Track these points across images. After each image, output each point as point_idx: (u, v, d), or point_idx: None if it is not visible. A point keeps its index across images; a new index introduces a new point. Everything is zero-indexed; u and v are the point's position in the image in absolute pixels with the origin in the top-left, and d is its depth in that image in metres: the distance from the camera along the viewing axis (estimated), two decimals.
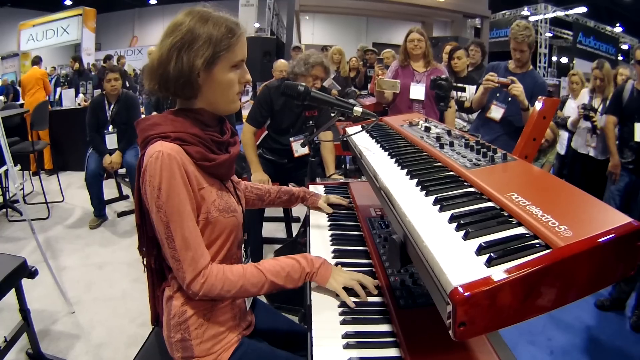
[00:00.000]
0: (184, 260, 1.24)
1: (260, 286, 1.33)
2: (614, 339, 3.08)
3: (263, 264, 1.36)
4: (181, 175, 1.22)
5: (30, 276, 2.38)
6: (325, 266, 1.42)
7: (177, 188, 1.21)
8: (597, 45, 15.97)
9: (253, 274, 1.33)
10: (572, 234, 0.79)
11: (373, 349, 1.17)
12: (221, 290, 1.28)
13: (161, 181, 1.20)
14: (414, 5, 13.64)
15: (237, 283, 1.29)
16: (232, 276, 1.29)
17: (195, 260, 1.25)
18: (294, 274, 1.37)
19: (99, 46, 16.53)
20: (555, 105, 1.81)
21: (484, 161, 1.26)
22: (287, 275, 1.36)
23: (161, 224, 1.23)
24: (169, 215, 1.21)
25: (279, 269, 1.36)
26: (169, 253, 1.25)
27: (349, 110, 1.76)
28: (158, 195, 1.21)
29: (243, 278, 1.30)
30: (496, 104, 3.54)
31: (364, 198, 2.08)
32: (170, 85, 1.27)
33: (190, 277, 1.24)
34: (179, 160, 1.22)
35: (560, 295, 0.78)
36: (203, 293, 1.26)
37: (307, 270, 1.39)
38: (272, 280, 1.34)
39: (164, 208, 1.21)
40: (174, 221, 1.22)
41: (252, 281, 1.32)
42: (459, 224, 0.91)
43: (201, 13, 1.28)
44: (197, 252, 1.25)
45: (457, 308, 0.71)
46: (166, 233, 1.23)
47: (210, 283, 1.26)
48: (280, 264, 1.37)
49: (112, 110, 4.73)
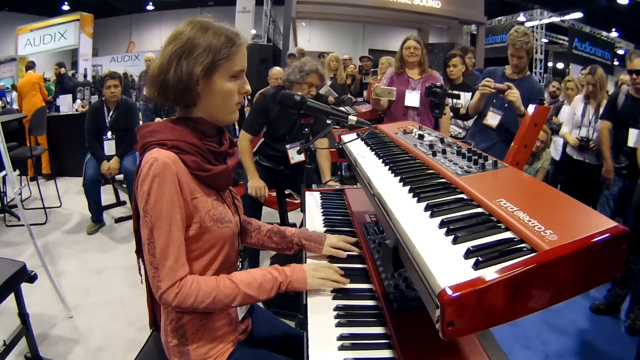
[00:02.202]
0: (161, 269, 1.24)
1: (233, 297, 1.32)
2: (609, 343, 3.10)
3: (235, 276, 1.36)
4: (172, 184, 1.23)
5: (30, 280, 2.39)
6: (297, 271, 1.43)
7: (166, 196, 1.22)
8: (593, 50, 16.02)
9: (226, 285, 1.32)
10: (558, 237, 0.82)
11: (367, 350, 1.19)
12: (194, 301, 1.27)
13: (151, 187, 1.21)
14: (410, 12, 13.65)
15: (210, 294, 1.28)
16: (206, 287, 1.29)
17: (173, 270, 1.24)
18: (266, 284, 1.37)
19: (96, 51, 16.52)
20: (546, 113, 1.84)
21: (475, 168, 1.29)
22: (260, 286, 1.36)
23: (146, 229, 1.24)
24: (154, 221, 1.22)
25: (251, 280, 1.35)
26: (148, 259, 1.25)
27: (344, 119, 1.79)
28: (146, 200, 1.22)
29: (216, 289, 1.30)
30: (493, 111, 3.53)
31: (359, 204, 2.10)
32: (169, 92, 1.29)
33: (165, 286, 1.24)
34: (172, 168, 1.23)
35: (547, 297, 0.81)
36: (176, 303, 1.26)
37: (280, 279, 1.39)
38: (245, 292, 1.33)
39: (150, 213, 1.22)
40: (158, 228, 1.23)
41: (225, 292, 1.31)
42: (448, 229, 0.94)
43: (202, 23, 1.30)
44: (176, 263, 1.25)
45: (445, 308, 0.74)
46: (149, 238, 1.24)
47: (185, 293, 1.25)
48: (252, 276, 1.37)
49: (111, 116, 4.75)
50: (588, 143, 4.37)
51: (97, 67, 16.95)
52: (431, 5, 13.62)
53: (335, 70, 7.00)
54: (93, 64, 13.92)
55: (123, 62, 19.62)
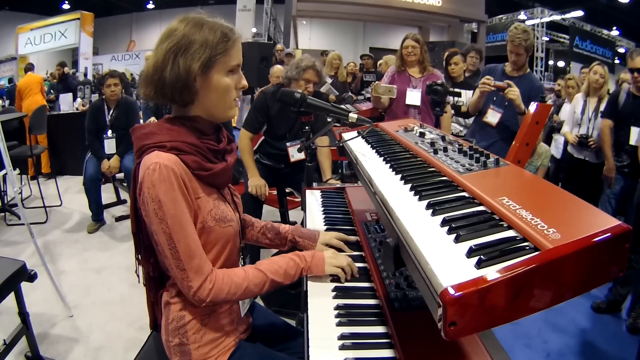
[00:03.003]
0: (189, 269, 1.24)
1: (262, 285, 1.38)
2: (610, 342, 3.10)
3: (262, 265, 1.41)
4: (179, 186, 1.22)
5: (30, 280, 2.39)
6: (317, 257, 1.50)
7: (177, 199, 1.21)
8: (594, 48, 16.03)
9: (255, 274, 1.37)
10: (561, 236, 0.81)
11: (368, 350, 1.19)
12: (227, 294, 1.30)
13: (160, 193, 1.19)
14: (410, 10, 13.64)
15: (242, 285, 1.33)
16: (237, 279, 1.33)
17: (200, 267, 1.26)
18: (290, 270, 1.44)
19: (96, 50, 16.54)
20: (548, 111, 1.83)
21: (477, 166, 1.28)
22: (285, 272, 1.42)
23: (163, 235, 1.23)
24: (171, 226, 1.21)
25: (277, 267, 1.42)
26: (174, 263, 1.24)
27: (345, 117, 1.78)
28: (159, 207, 1.20)
29: (247, 280, 1.35)
30: (493, 109, 3.52)
31: (360, 203, 2.09)
32: (167, 90, 1.26)
33: (197, 284, 1.25)
34: (176, 170, 1.22)
35: (549, 296, 0.79)
36: (211, 299, 1.28)
37: (302, 265, 1.46)
38: (272, 279, 1.39)
39: (165, 220, 1.21)
40: (177, 232, 1.22)
41: (255, 282, 1.36)
42: (450, 227, 0.93)
43: (196, 19, 1.28)
44: (201, 259, 1.27)
45: (447, 308, 0.73)
46: (169, 244, 1.23)
47: (218, 287, 1.28)
48: (278, 263, 1.43)
49: (112, 115, 4.75)
50: (587, 140, 4.36)
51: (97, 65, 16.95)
52: (432, 3, 13.61)
53: (336, 69, 6.99)
54: (93, 63, 13.89)
55: (123, 61, 19.64)
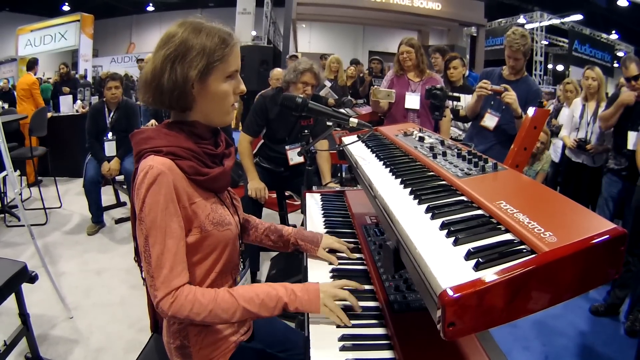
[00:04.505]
0: (157, 277, 1.21)
1: (232, 312, 1.26)
2: (609, 344, 3.10)
3: (237, 290, 1.30)
4: (168, 192, 1.21)
5: (31, 281, 2.40)
6: (310, 291, 1.33)
7: (161, 204, 1.20)
8: (593, 52, 16.06)
9: (225, 299, 1.26)
10: (557, 239, 0.83)
11: (368, 351, 1.20)
12: (190, 313, 1.22)
13: (147, 195, 1.20)
14: (410, 14, 13.69)
15: (207, 306, 1.24)
16: (203, 299, 1.24)
17: (168, 279, 1.21)
18: (269, 302, 1.29)
19: (96, 52, 16.56)
20: (546, 115, 1.85)
21: (475, 170, 1.30)
22: (262, 302, 1.29)
23: (141, 237, 1.22)
24: (149, 229, 1.21)
25: (253, 295, 1.29)
26: (145, 267, 1.23)
27: (345, 121, 1.79)
28: (142, 208, 1.20)
29: (214, 302, 1.25)
30: (490, 113, 3.52)
31: (359, 206, 2.10)
32: (164, 97, 1.26)
33: (160, 295, 1.21)
34: (168, 175, 1.21)
35: (546, 298, 0.81)
36: (172, 313, 1.22)
37: (285, 299, 1.31)
38: (244, 307, 1.27)
39: (144, 221, 1.20)
40: (153, 236, 1.21)
41: (223, 306, 1.25)
42: (449, 230, 0.95)
43: (194, 24, 1.28)
44: (172, 272, 1.22)
45: (446, 309, 0.75)
46: (144, 246, 1.22)
47: (179, 304, 1.21)
48: (255, 291, 1.31)
49: (112, 117, 4.76)
50: (585, 144, 4.37)
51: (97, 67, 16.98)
52: (431, 7, 13.68)
53: (336, 72, 7.01)
54: (93, 65, 13.95)
55: (123, 63, 19.67)
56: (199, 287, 1.28)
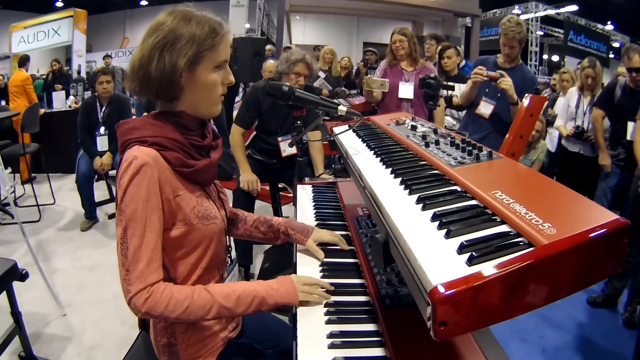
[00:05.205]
0: (132, 271, 1.17)
1: (208, 309, 1.24)
2: (607, 336, 3.09)
3: (213, 287, 1.29)
4: (151, 184, 1.18)
5: (21, 279, 2.37)
6: (285, 284, 1.36)
7: (144, 196, 1.17)
8: (588, 43, 16.07)
9: (201, 295, 1.24)
10: (556, 231, 0.78)
11: (358, 348, 1.16)
12: (165, 310, 1.19)
13: (129, 186, 1.16)
14: (404, 4, 13.66)
15: (183, 303, 1.21)
16: (180, 295, 1.21)
17: (144, 274, 1.17)
18: (246, 297, 1.29)
19: (90, 48, 16.45)
20: (542, 103, 1.81)
21: (469, 159, 1.25)
22: (238, 298, 1.28)
23: (120, 228, 1.18)
24: (128, 221, 1.17)
25: (229, 291, 1.28)
26: (120, 260, 1.18)
27: (334, 110, 1.75)
28: (122, 198, 1.17)
29: (190, 299, 1.22)
30: (485, 100, 3.49)
31: (351, 198, 2.07)
32: (152, 86, 1.23)
33: (135, 290, 1.17)
34: (152, 166, 1.18)
35: (545, 293, 0.77)
36: (145, 310, 1.18)
37: (262, 294, 1.31)
38: (221, 303, 1.25)
39: (125, 212, 1.17)
40: (132, 228, 1.17)
41: (200, 303, 1.23)
42: (441, 222, 0.91)
43: (184, 12, 1.25)
44: (148, 267, 1.18)
45: (436, 307, 0.70)
46: (122, 238, 1.18)
47: (155, 300, 1.18)
48: (231, 287, 1.30)
49: (104, 112, 4.71)
50: (583, 132, 4.34)
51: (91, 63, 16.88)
52: None
53: (330, 63, 6.97)
54: (87, 60, 13.86)
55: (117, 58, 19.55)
56: (173, 284, 1.25)
